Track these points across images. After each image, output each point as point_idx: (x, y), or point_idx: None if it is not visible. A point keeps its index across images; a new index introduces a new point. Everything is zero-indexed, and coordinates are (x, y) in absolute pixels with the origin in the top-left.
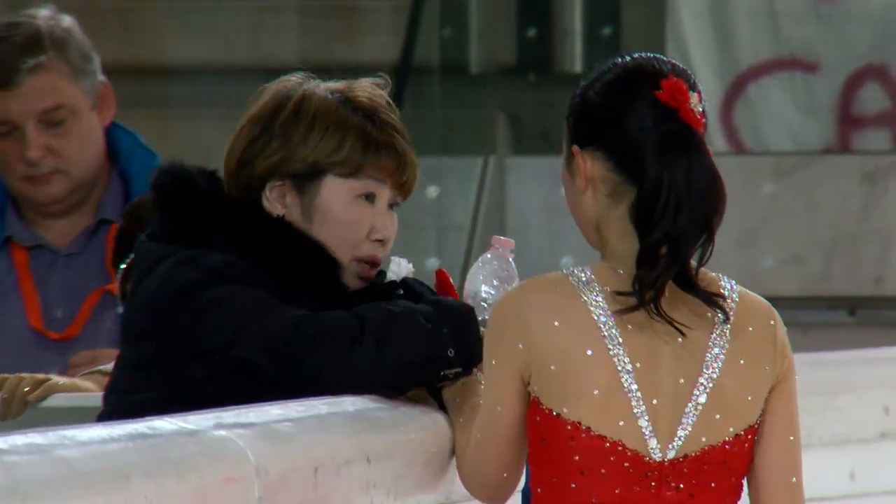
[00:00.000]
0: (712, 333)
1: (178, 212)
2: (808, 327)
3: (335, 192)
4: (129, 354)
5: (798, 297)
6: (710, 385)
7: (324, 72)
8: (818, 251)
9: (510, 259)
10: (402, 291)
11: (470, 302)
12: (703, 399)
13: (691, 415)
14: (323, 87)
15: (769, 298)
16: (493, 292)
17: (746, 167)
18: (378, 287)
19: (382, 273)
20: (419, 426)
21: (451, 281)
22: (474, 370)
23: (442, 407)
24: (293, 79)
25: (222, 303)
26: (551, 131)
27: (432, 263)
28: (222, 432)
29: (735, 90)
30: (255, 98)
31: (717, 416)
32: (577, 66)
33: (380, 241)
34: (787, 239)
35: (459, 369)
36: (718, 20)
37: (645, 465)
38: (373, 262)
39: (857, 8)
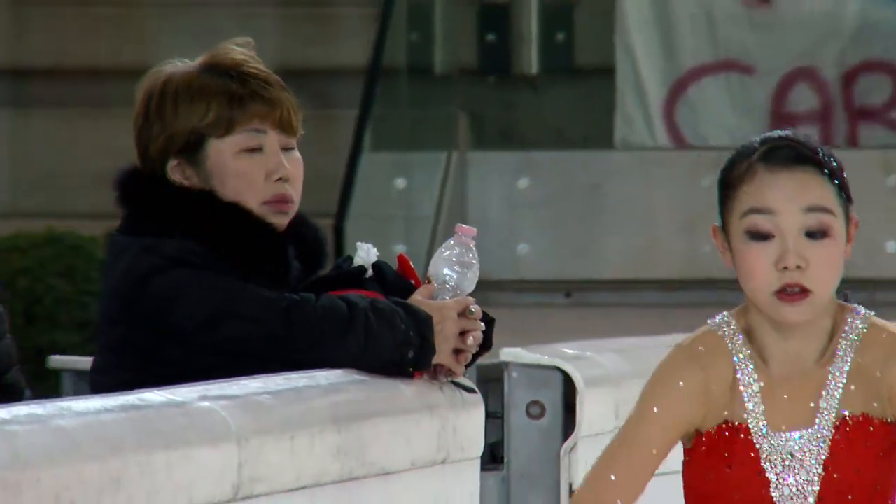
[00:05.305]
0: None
1: (138, 204)
2: None
3: (220, 153)
4: (104, 338)
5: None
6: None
7: (301, 73)
8: None
9: (472, 245)
10: (371, 273)
11: (434, 284)
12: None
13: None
14: (187, 64)
15: (708, 281)
16: (454, 276)
17: (687, 161)
18: (346, 273)
19: (350, 258)
20: (386, 397)
21: (412, 265)
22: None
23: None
24: (163, 68)
25: (192, 284)
26: (509, 129)
27: (399, 250)
28: (207, 403)
29: (677, 90)
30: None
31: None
32: (534, 69)
33: (282, 179)
34: None
35: (411, 371)
36: (662, 26)
37: None
38: (280, 201)
39: (789, 14)
